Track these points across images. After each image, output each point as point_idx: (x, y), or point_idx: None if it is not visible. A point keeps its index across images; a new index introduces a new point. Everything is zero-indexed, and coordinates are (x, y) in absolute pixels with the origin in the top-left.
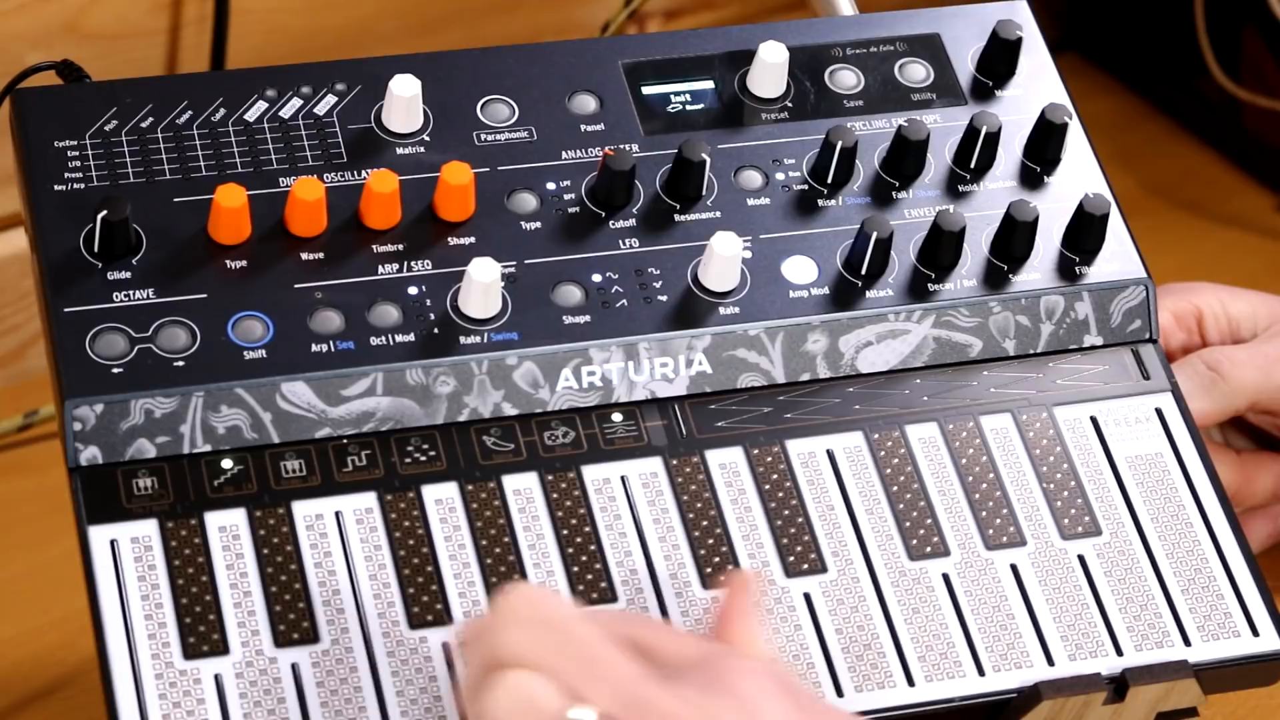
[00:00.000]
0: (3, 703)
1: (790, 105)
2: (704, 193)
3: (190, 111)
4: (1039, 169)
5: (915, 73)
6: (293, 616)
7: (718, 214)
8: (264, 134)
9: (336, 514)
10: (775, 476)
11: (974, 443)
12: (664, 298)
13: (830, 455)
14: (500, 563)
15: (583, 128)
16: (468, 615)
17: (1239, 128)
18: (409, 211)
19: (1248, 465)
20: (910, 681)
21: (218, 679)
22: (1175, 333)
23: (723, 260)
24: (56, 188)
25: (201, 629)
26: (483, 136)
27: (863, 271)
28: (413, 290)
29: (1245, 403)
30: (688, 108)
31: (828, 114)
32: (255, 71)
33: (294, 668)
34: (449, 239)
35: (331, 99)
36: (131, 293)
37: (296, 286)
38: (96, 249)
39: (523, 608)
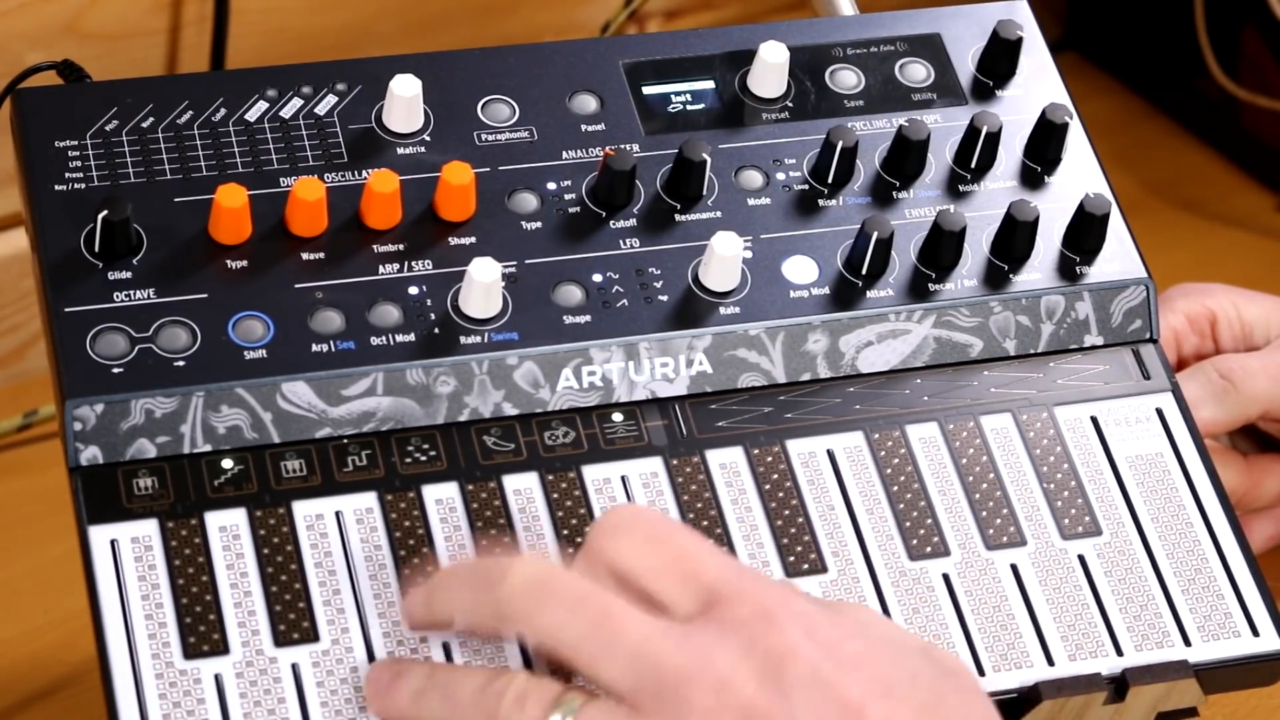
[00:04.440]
0: (3, 703)
1: (791, 105)
2: (705, 193)
3: (191, 111)
4: (1039, 169)
5: (916, 73)
6: (293, 616)
7: (718, 214)
8: (264, 134)
9: (337, 514)
10: (775, 476)
11: (974, 443)
12: (664, 298)
13: (831, 455)
14: None
15: (583, 128)
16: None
17: (1239, 127)
18: (409, 211)
19: (1254, 469)
20: None
21: (218, 679)
22: (1188, 336)
23: (723, 260)
24: (57, 188)
25: (202, 629)
26: (483, 136)
27: (863, 271)
28: (413, 290)
29: (1257, 412)
30: (688, 108)
31: (828, 114)
32: (255, 71)
33: (294, 667)
34: (449, 239)
35: (332, 99)
36: (132, 293)
37: (297, 286)
38: (97, 249)
39: (640, 523)
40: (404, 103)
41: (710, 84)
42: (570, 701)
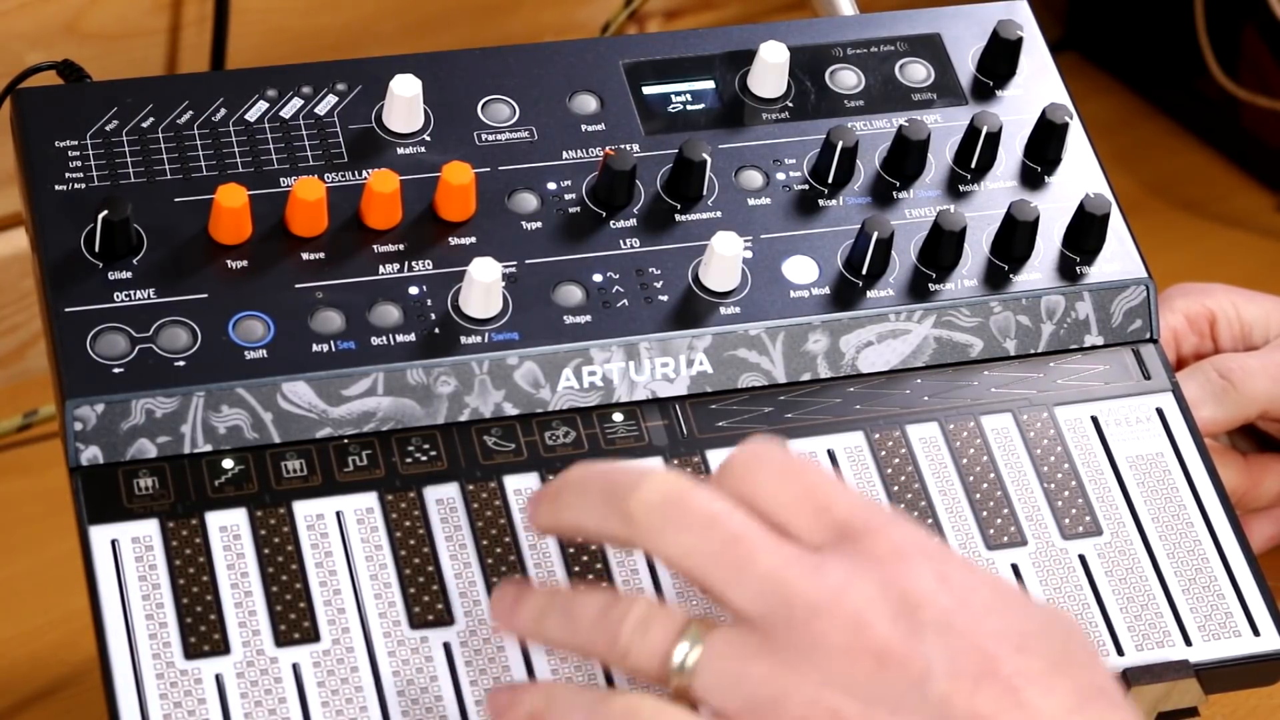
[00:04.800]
0: (3, 703)
1: (791, 105)
2: (705, 193)
3: (191, 111)
4: (1040, 169)
5: (916, 73)
6: (294, 616)
7: (718, 214)
8: (265, 134)
9: (337, 514)
10: None
11: (975, 443)
12: (665, 298)
13: (831, 455)
14: (501, 563)
15: (583, 128)
16: (469, 615)
17: (1239, 127)
18: (410, 211)
19: (1254, 468)
20: None
21: (219, 679)
22: (1187, 336)
23: (723, 260)
24: (57, 188)
25: (202, 629)
26: (483, 136)
27: (863, 271)
28: (413, 290)
29: (1257, 411)
30: (688, 108)
31: (828, 114)
32: (255, 71)
33: (295, 667)
34: (450, 239)
35: (332, 99)
36: (132, 293)
37: (297, 286)
38: (97, 249)
39: (772, 456)
40: (404, 103)
41: (710, 84)
42: (695, 629)
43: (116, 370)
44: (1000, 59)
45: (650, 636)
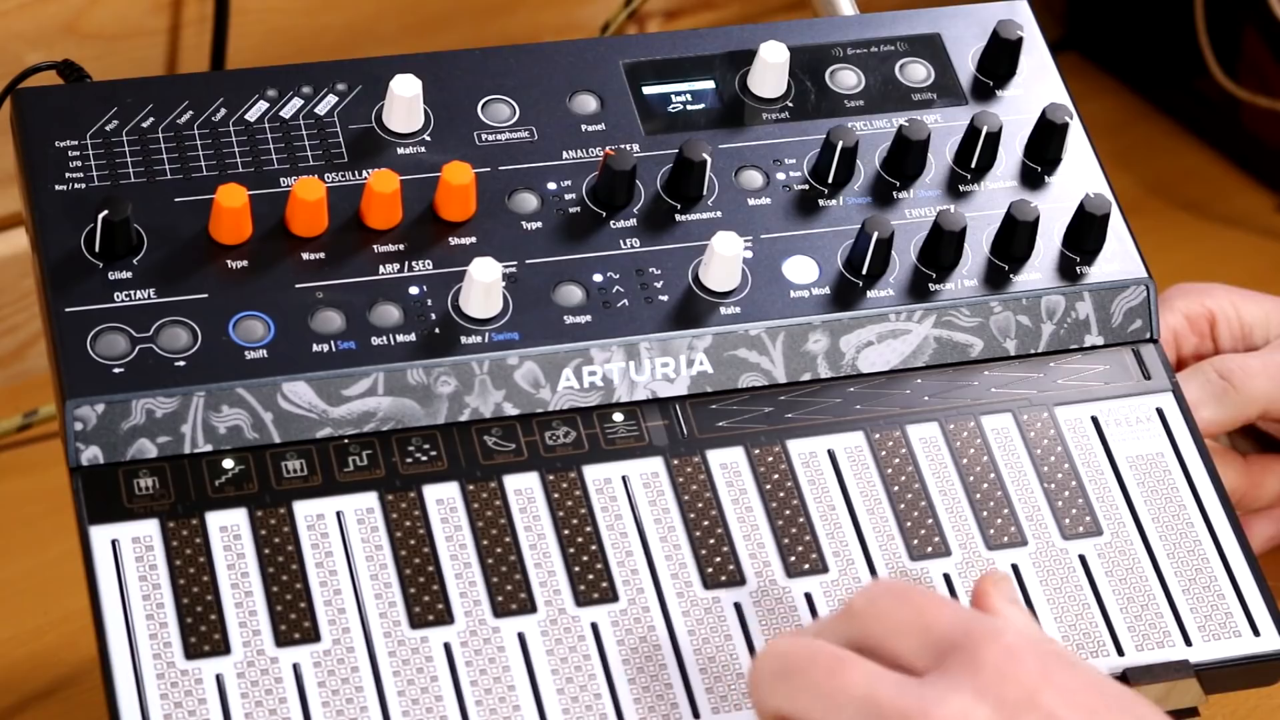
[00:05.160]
0: (3, 703)
1: (791, 105)
2: (705, 193)
3: (191, 111)
4: (1040, 169)
5: (916, 73)
6: (294, 616)
7: (718, 214)
8: (265, 134)
9: (338, 514)
10: (776, 476)
11: (975, 443)
12: (665, 298)
13: (831, 455)
14: (501, 563)
15: (583, 128)
16: (469, 615)
17: (1239, 128)
18: (410, 211)
19: (1254, 469)
20: None
21: (219, 679)
22: (1187, 336)
23: (724, 260)
24: (57, 188)
25: (203, 629)
26: (483, 136)
27: (864, 271)
28: (414, 290)
29: (1257, 412)
30: (688, 108)
31: (828, 114)
32: (255, 71)
33: (295, 668)
34: (450, 239)
35: (332, 99)
36: (132, 293)
37: (297, 286)
38: (97, 249)
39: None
40: (404, 103)
41: (710, 84)
42: None
43: (117, 370)
44: (1000, 59)
45: None
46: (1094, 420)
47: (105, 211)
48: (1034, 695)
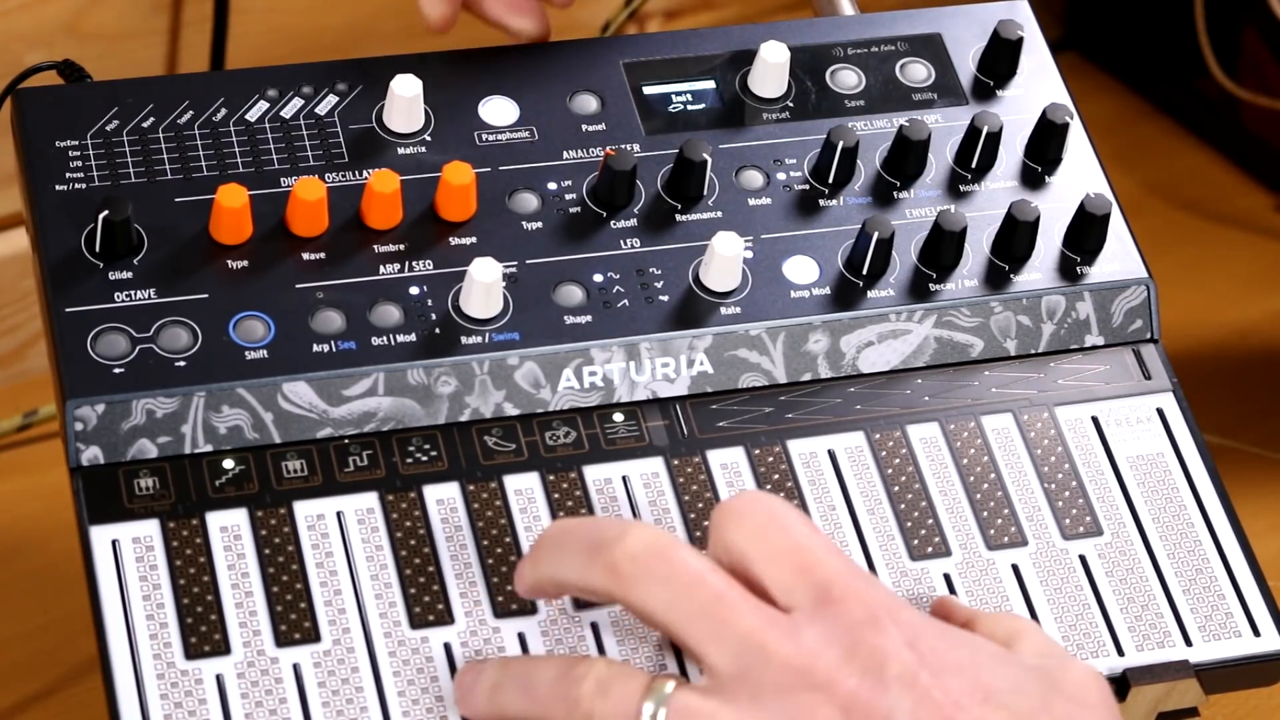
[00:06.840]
0: (3, 703)
1: (791, 105)
2: (705, 193)
3: (191, 111)
4: (1040, 169)
5: (916, 72)
6: (294, 616)
7: (719, 214)
8: (265, 134)
9: (338, 514)
10: (776, 476)
11: (975, 443)
12: (665, 298)
13: (831, 455)
14: (502, 563)
15: (584, 127)
16: (469, 615)
17: (1239, 127)
18: (410, 211)
19: None
20: None
21: (219, 679)
22: None
23: (724, 260)
24: (57, 188)
25: (203, 629)
26: (484, 136)
27: (864, 271)
28: (414, 290)
29: None
30: (689, 107)
31: (829, 114)
32: (255, 71)
33: (295, 668)
34: (450, 239)
35: (333, 99)
36: (133, 293)
37: (298, 286)
38: (98, 249)
39: (761, 510)
40: (404, 103)
41: (711, 84)
42: (660, 688)
43: (117, 370)
44: (1001, 59)
45: (612, 698)
46: (1094, 420)
47: (106, 211)
48: (898, 652)
